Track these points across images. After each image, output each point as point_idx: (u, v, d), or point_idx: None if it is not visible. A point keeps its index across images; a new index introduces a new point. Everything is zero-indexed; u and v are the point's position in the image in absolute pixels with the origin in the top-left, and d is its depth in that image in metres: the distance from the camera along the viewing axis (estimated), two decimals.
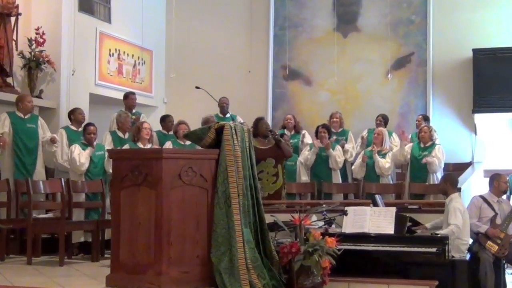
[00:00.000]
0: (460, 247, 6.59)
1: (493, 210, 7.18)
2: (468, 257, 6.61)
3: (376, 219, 6.45)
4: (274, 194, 8.29)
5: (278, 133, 9.66)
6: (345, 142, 10.18)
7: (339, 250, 5.77)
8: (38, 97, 9.99)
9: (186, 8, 12.99)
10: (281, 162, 8.47)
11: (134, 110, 10.46)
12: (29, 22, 10.21)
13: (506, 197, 7.65)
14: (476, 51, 11.27)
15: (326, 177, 9.71)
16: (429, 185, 9.30)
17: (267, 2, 12.72)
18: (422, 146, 9.54)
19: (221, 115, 10.71)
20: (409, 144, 9.82)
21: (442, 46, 11.80)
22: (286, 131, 10.56)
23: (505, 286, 6.96)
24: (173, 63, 12.66)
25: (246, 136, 6.03)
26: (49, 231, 8.39)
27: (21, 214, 8.47)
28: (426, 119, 10.65)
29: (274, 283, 5.71)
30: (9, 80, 9.80)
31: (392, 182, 9.73)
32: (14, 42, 9.82)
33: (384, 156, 9.55)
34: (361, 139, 10.48)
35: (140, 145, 8.66)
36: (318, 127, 9.97)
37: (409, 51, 12.04)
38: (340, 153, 9.83)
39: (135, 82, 12.20)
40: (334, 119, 10.62)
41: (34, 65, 10.01)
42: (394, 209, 6.53)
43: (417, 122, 10.64)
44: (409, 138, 10.09)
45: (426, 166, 9.38)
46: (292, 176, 9.70)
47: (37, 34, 10.08)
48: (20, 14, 9.86)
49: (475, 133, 11.46)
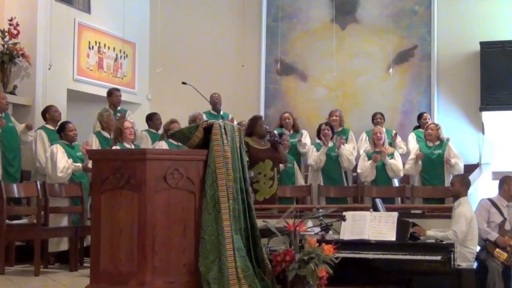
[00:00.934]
0: (466, 255, 6.61)
1: (502, 215, 7.20)
2: (475, 265, 6.63)
3: (376, 225, 6.47)
4: (270, 199, 8.30)
5: (277, 132, 9.68)
6: (344, 141, 10.20)
7: (337, 258, 5.77)
8: (12, 93, 9.96)
9: None
10: (277, 165, 8.50)
11: (119, 107, 10.44)
12: (2, 12, 10.18)
13: None
14: (483, 44, 11.31)
15: (340, 178, 9.75)
16: (438, 188, 9.31)
17: None
18: (430, 145, 9.57)
19: (214, 113, 10.71)
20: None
21: (448, 39, 11.83)
22: (284, 131, 10.56)
23: None
24: (157, 57, 12.65)
25: (237, 135, 6.03)
26: (23, 238, 8.36)
27: None
28: (420, 117, 10.70)
29: None
30: None
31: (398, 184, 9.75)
32: None
33: (391, 157, 9.55)
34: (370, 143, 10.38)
35: (126, 146, 8.65)
36: (320, 125, 9.99)
37: (412, 44, 12.07)
38: (350, 150, 9.88)
39: (117, 77, 12.18)
40: (334, 117, 10.63)
41: (8, 58, 9.97)
42: (396, 214, 6.54)
43: (423, 120, 10.62)
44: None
45: (442, 165, 9.40)
46: (290, 179, 9.72)
47: (10, 25, 10.04)
48: None
49: (483, 132, 11.49)
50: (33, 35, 10.26)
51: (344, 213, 6.69)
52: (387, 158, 9.43)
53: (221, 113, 10.59)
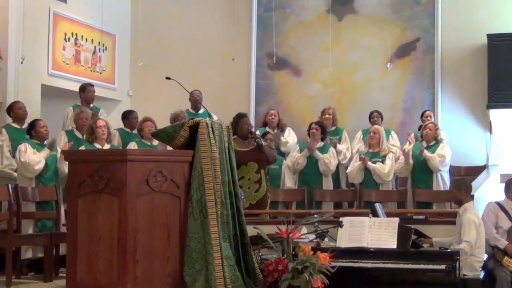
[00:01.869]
0: (473, 265, 6.63)
1: (510, 220, 7.22)
2: (482, 275, 6.64)
3: (376, 232, 6.47)
4: (256, 204, 8.26)
5: (259, 132, 9.66)
6: (337, 141, 10.20)
7: (333, 267, 5.78)
8: None
9: None
10: (264, 167, 8.44)
11: (92, 105, 10.41)
12: None
13: None
14: (491, 37, 11.33)
15: (316, 182, 9.72)
16: (437, 191, 9.34)
17: None
18: (425, 145, 9.59)
19: (192, 111, 10.68)
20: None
21: (453, 31, 11.85)
22: (268, 129, 10.56)
23: None
24: (139, 50, 12.62)
25: (225, 134, 6.03)
26: None
27: None
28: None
29: None
30: None
31: (394, 188, 9.76)
32: None
33: (383, 159, 9.55)
34: (364, 142, 10.41)
35: (97, 146, 8.63)
36: (311, 124, 9.97)
37: (414, 37, 12.09)
38: (332, 154, 9.83)
39: (95, 72, 12.15)
40: (326, 116, 10.64)
41: None
42: (396, 220, 6.55)
43: (424, 118, 10.66)
44: (413, 139, 10.08)
45: (429, 167, 9.43)
46: (275, 181, 9.69)
47: None
48: None
49: (490, 131, 11.51)
50: (4, 26, 10.21)
51: (341, 218, 6.69)
52: (370, 163, 9.42)
53: (200, 111, 10.54)
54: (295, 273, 5.64)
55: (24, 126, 9.24)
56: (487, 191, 9.75)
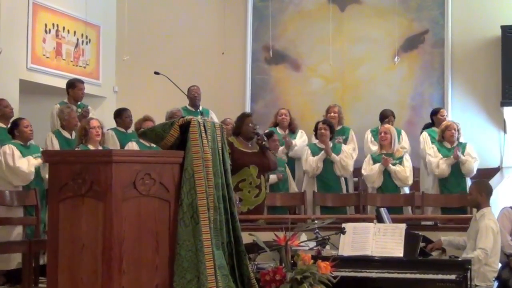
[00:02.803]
0: (486, 275, 6.63)
1: None
2: (495, 286, 6.65)
3: (381, 239, 6.48)
4: (254, 210, 8.31)
5: (268, 131, 9.70)
6: (341, 141, 10.21)
7: (335, 277, 5.78)
8: None
9: None
10: (264, 172, 8.54)
11: (79, 102, 10.41)
12: None
13: None
14: (505, 29, 11.35)
15: (336, 186, 9.77)
16: (453, 196, 9.35)
17: None
18: (448, 146, 9.62)
19: (191, 109, 10.69)
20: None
21: (464, 22, 11.87)
22: (278, 129, 10.56)
23: None
24: (125, 42, 12.61)
25: (218, 134, 6.02)
26: None
27: None
28: (435, 113, 10.71)
29: None
30: None
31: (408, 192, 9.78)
32: None
33: (400, 160, 9.55)
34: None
35: (91, 148, 8.63)
36: (317, 124, 9.97)
37: (422, 28, 12.11)
38: (347, 155, 9.86)
39: (78, 66, 12.14)
40: (332, 114, 10.64)
41: None
42: (403, 226, 6.56)
43: (440, 117, 10.63)
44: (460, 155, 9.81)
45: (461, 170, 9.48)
46: (283, 185, 9.77)
47: None
48: None
49: (505, 131, 11.54)
50: None
51: (343, 225, 6.70)
52: (390, 165, 9.43)
53: (200, 109, 10.58)
54: (294, 283, 5.64)
55: (7, 126, 9.16)
56: (501, 195, 9.78)
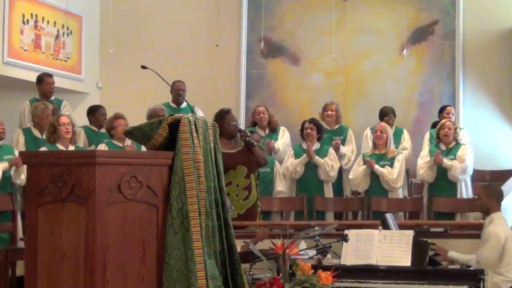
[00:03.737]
0: (500, 285, 6.66)
1: None
2: None
3: (387, 247, 6.49)
4: (245, 214, 8.29)
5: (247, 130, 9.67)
6: (339, 142, 10.20)
7: None
8: None
9: None
10: (254, 171, 8.48)
11: (53, 98, 10.40)
12: None
13: None
14: None
15: (317, 189, 9.74)
16: (459, 200, 9.37)
17: None
18: (442, 148, 9.61)
19: (174, 105, 10.67)
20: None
21: (476, 12, 11.89)
22: (257, 129, 10.55)
23: None
24: (110, 34, 12.61)
25: (211, 133, 6.02)
26: None
27: None
28: (441, 111, 10.70)
29: None
30: None
31: (403, 195, 9.77)
32: None
33: (391, 161, 9.55)
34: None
35: (60, 147, 8.62)
36: (304, 123, 9.97)
37: (431, 19, 12.12)
38: (333, 158, 9.83)
39: (58, 60, 12.13)
40: (329, 112, 10.67)
41: None
42: (411, 233, 6.57)
43: (445, 115, 10.65)
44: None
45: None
46: (268, 186, 9.74)
47: None
48: None
49: None
50: None
51: (346, 231, 6.70)
52: (377, 166, 9.44)
53: (182, 106, 10.53)
54: None
55: None
56: None
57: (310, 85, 12.43)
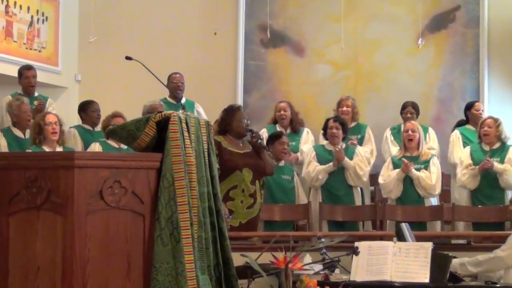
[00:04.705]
0: None
1: None
2: None
3: (402, 261, 6.49)
4: (247, 224, 8.30)
5: (266, 132, 9.71)
6: (356, 142, 10.19)
7: None
8: None
9: None
10: (259, 177, 8.50)
11: (37, 94, 10.40)
12: None
13: None
14: None
15: (346, 196, 9.77)
16: (491, 208, 9.36)
17: None
18: (486, 149, 9.61)
19: (172, 101, 10.65)
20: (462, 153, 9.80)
21: None
22: (278, 128, 10.55)
23: None
24: (91, 21, 12.60)
25: (204, 133, 6.02)
26: None
27: None
28: (469, 108, 10.71)
29: None
30: None
31: (436, 203, 9.78)
32: None
33: (425, 165, 9.54)
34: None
35: (46, 150, 8.62)
36: (327, 121, 9.95)
37: (453, 4, 12.13)
38: (363, 159, 9.83)
39: (33, 50, 12.13)
40: (344, 108, 10.66)
41: None
42: (429, 245, 6.56)
43: (475, 112, 10.63)
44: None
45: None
46: (289, 196, 9.78)
47: None
48: None
49: None
50: None
51: (356, 243, 6.70)
52: (413, 170, 9.43)
53: (182, 101, 10.55)
54: None
55: None
56: None
57: (316, 78, 12.43)
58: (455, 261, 6.68)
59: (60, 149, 8.80)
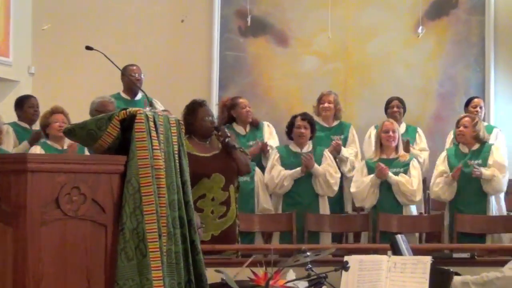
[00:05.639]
0: None
1: None
2: None
3: (398, 277, 6.52)
4: (221, 236, 8.27)
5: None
6: (340, 143, 10.19)
7: None
8: None
9: None
10: (233, 181, 8.45)
11: None
12: None
13: None
14: None
15: (311, 204, 9.75)
16: (491, 217, 9.41)
17: None
18: (463, 150, 9.63)
19: (126, 96, 10.59)
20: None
21: None
22: (236, 127, 10.53)
23: None
24: (45, 6, 12.60)
25: (175, 132, 6.03)
26: None
27: None
28: (467, 104, 10.77)
29: None
30: None
31: (418, 212, 9.82)
32: None
33: (405, 168, 9.56)
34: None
35: None
36: (294, 118, 9.94)
37: None
38: (332, 164, 9.82)
39: None
40: (326, 104, 10.69)
41: None
42: (428, 259, 6.59)
43: (471, 109, 10.70)
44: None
45: (479, 183, 9.48)
46: (248, 200, 9.75)
47: None
48: None
49: None
50: None
51: (345, 257, 6.73)
52: (391, 175, 9.44)
53: (138, 97, 10.46)
54: None
55: None
56: None
57: (301, 71, 12.46)
58: (457, 279, 6.71)
59: None
